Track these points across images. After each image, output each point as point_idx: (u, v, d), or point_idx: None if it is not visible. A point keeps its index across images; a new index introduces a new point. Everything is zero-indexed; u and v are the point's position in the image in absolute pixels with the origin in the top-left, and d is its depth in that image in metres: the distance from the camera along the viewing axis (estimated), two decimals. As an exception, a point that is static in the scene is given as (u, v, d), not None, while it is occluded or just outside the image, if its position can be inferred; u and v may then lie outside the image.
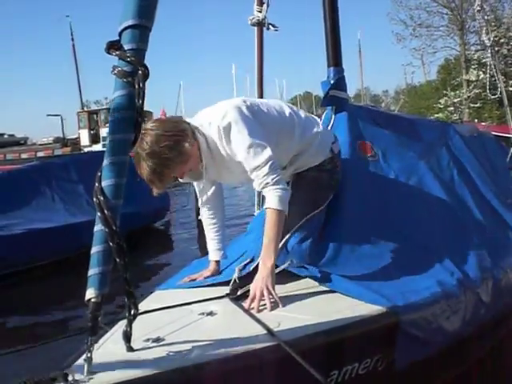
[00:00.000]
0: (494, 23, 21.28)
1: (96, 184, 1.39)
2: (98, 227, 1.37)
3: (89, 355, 1.32)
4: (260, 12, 3.66)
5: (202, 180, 2.25)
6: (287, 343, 1.52)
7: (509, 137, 7.45)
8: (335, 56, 3.00)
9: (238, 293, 1.97)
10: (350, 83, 3.15)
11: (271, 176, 1.99)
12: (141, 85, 1.42)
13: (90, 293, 1.35)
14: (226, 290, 2.01)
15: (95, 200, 1.37)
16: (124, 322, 1.46)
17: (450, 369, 2.36)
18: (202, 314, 1.81)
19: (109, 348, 1.51)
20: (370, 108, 3.52)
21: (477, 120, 21.74)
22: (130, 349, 1.45)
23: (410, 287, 2.06)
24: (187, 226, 8.33)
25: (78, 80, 30.15)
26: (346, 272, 2.09)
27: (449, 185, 3.02)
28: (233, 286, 2.01)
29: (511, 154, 4.28)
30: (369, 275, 2.11)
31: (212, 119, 2.07)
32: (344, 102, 2.94)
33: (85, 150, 22.69)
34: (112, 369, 1.33)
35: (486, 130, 5.56)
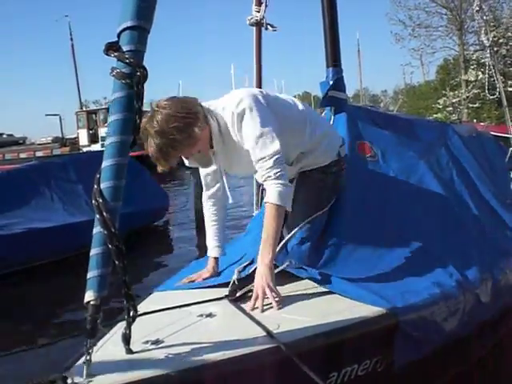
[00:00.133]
0: (493, 23, 21.30)
1: (95, 186, 1.38)
2: (97, 229, 1.37)
3: (88, 358, 1.32)
4: (258, 12, 3.65)
5: (211, 166, 2.23)
6: (286, 345, 1.52)
7: (507, 137, 7.41)
8: (334, 56, 3.01)
9: (237, 294, 1.97)
10: (349, 83, 3.16)
11: (274, 170, 1.98)
12: (139, 86, 1.42)
13: (89, 295, 1.34)
14: (225, 292, 2.00)
15: (94, 202, 1.37)
16: (123, 324, 1.45)
17: (450, 369, 2.36)
18: (201, 316, 1.80)
19: (108, 350, 1.51)
20: (369, 108, 3.52)
21: (475, 120, 21.74)
22: (130, 351, 1.45)
23: (410, 288, 2.06)
24: (186, 227, 8.29)
25: (77, 80, 30.19)
26: (345, 273, 2.09)
27: (448, 185, 3.02)
28: (232, 288, 2.01)
29: (510, 154, 4.28)
30: (368, 276, 2.11)
31: (226, 104, 2.06)
32: (343, 103, 2.95)
33: (83, 150, 22.68)
34: (111, 371, 1.33)
35: (485, 130, 5.56)
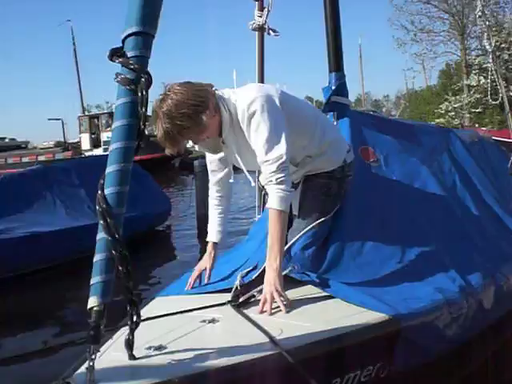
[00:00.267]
0: (496, 28, 21.29)
1: (99, 192, 1.38)
2: (101, 235, 1.36)
3: (91, 364, 1.31)
4: (260, 17, 3.66)
5: (219, 153, 2.24)
6: (289, 352, 1.51)
7: (510, 142, 7.43)
8: (336, 61, 3.00)
9: (240, 300, 1.96)
10: (351, 88, 3.15)
11: (277, 175, 1.98)
12: (144, 92, 1.42)
13: (93, 301, 1.33)
14: (228, 297, 2.00)
15: (98, 208, 1.36)
16: (125, 330, 1.45)
17: (453, 374, 2.36)
18: (204, 322, 1.80)
19: (111, 356, 1.50)
20: (372, 114, 3.52)
21: (477, 125, 21.76)
22: (132, 357, 1.45)
23: (412, 294, 2.05)
24: (188, 231, 8.28)
25: (79, 84, 30.40)
26: (348, 279, 2.09)
27: (450, 190, 3.02)
28: (235, 293, 2.00)
29: (512, 159, 4.26)
30: (370, 282, 2.11)
31: (240, 99, 2.05)
32: (346, 108, 2.94)
33: (86, 154, 22.72)
34: (114, 377, 1.33)
35: (487, 135, 5.55)
